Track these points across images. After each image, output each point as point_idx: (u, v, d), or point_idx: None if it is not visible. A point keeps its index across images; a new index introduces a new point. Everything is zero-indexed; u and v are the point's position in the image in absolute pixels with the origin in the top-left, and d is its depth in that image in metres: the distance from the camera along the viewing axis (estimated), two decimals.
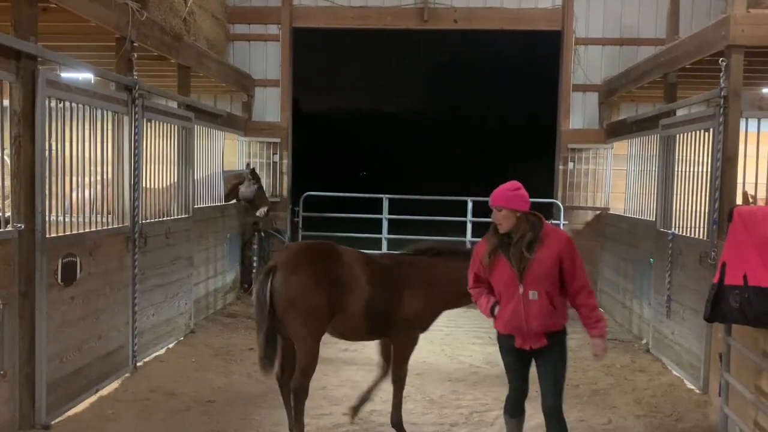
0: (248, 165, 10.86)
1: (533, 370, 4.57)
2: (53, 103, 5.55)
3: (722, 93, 6.47)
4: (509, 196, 4.48)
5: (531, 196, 4.68)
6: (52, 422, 5.48)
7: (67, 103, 5.78)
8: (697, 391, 6.67)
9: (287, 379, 5.24)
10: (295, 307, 4.89)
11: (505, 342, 4.56)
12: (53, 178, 5.65)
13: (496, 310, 4.48)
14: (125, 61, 6.87)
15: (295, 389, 5.08)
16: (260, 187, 10.67)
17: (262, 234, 11.39)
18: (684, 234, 7.45)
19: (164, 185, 8.08)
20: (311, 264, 5.03)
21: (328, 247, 5.28)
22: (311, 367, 5.07)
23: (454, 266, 5.32)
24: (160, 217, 7.83)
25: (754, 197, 7.69)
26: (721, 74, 6.50)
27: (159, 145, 7.75)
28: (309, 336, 5.00)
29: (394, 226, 11.70)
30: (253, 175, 10.62)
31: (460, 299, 5.35)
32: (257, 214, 10.69)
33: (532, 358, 4.54)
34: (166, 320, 7.86)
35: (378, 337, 5.56)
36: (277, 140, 11.73)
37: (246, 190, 10.53)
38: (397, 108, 50.08)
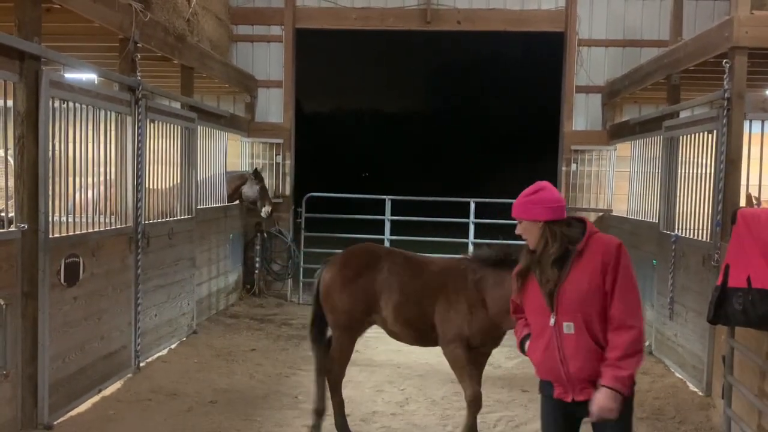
0: (255, 169, 10.88)
1: None
2: (57, 104, 5.56)
3: (726, 95, 6.46)
4: (524, 203, 3.40)
5: None
6: (55, 422, 5.48)
7: (71, 104, 5.79)
8: (700, 394, 6.65)
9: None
10: (327, 302, 5.44)
11: (544, 390, 3.42)
12: (56, 179, 5.65)
13: (527, 346, 3.48)
14: (128, 61, 6.89)
15: (327, 370, 5.53)
16: (263, 188, 10.69)
17: (265, 235, 11.40)
18: (687, 236, 7.43)
19: (167, 186, 8.09)
20: (348, 265, 5.42)
21: (374, 250, 5.54)
22: (341, 358, 5.48)
23: (504, 278, 4.62)
24: (163, 218, 7.84)
25: (758, 199, 7.68)
26: (725, 76, 6.49)
27: (162, 145, 7.76)
28: (337, 329, 5.45)
29: (396, 227, 11.70)
30: (256, 176, 10.64)
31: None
32: (262, 214, 10.71)
33: (581, 422, 3.38)
34: (168, 321, 7.87)
35: (432, 345, 5.39)
36: (280, 141, 11.74)
37: (249, 190, 10.55)
38: (400, 109, 50.14)
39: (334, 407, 5.55)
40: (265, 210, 10.65)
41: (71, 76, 6.71)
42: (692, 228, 7.35)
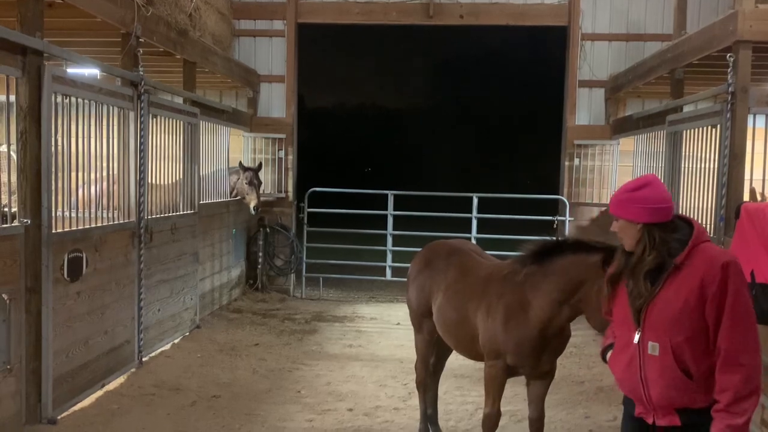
0: (240, 162, 10.62)
1: None
2: (59, 99, 5.56)
3: (730, 89, 6.43)
4: (624, 200, 2.96)
5: (536, 192, 4.33)
6: (59, 417, 5.50)
7: (73, 99, 5.79)
8: None
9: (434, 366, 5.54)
10: (406, 293, 5.44)
11: (626, 405, 3.14)
12: (59, 174, 5.65)
13: (608, 356, 3.18)
14: (131, 56, 6.88)
15: (416, 374, 5.47)
16: (251, 182, 10.27)
17: (268, 230, 11.40)
18: None
19: (170, 181, 8.09)
20: (417, 260, 5.38)
21: (440, 246, 5.35)
22: (418, 355, 5.40)
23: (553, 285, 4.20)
24: (165, 213, 7.84)
25: (762, 194, 7.66)
26: (729, 70, 6.46)
27: (164, 140, 7.76)
28: (413, 325, 5.41)
29: (399, 222, 11.70)
30: (245, 169, 10.32)
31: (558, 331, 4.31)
32: (251, 210, 10.39)
33: None
34: (171, 315, 7.88)
35: (478, 358, 4.83)
36: (283, 136, 11.73)
37: (237, 183, 10.43)
38: (402, 104, 50.10)
39: (420, 406, 5.45)
40: (252, 206, 10.27)
41: (73, 71, 6.70)
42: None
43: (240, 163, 10.48)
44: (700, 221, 7.20)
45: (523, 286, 4.35)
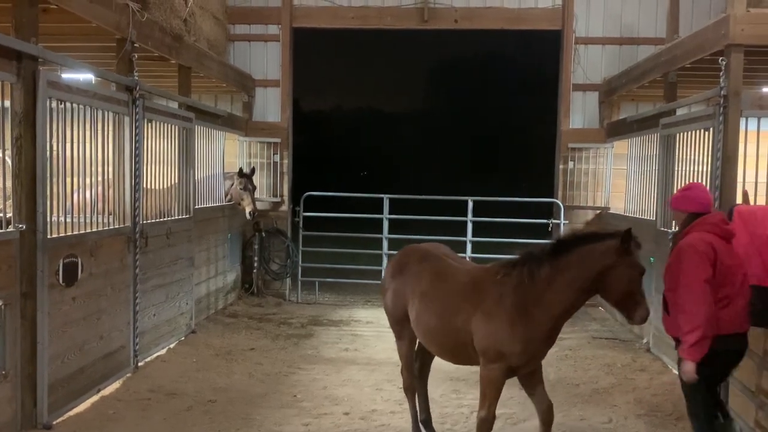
0: (240, 169, 10.62)
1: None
2: (54, 104, 5.56)
3: (722, 92, 6.47)
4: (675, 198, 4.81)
5: (530, 196, 4.57)
6: (54, 422, 5.49)
7: (68, 104, 5.79)
8: None
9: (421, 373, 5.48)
10: (383, 301, 5.38)
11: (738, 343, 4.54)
12: (54, 179, 5.65)
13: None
14: (126, 61, 6.88)
15: (402, 379, 5.41)
16: (247, 187, 10.27)
17: (263, 234, 11.40)
18: None
19: (165, 186, 8.09)
20: (391, 267, 5.35)
21: (413, 251, 5.31)
22: (402, 360, 5.31)
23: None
24: (160, 218, 7.84)
25: (744, 194, 7.68)
26: (721, 73, 6.50)
27: (160, 145, 7.76)
28: (393, 331, 5.34)
29: (394, 226, 11.71)
30: (241, 174, 10.32)
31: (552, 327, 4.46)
32: (246, 216, 10.41)
33: None
34: (167, 320, 7.88)
35: (463, 363, 4.95)
36: (278, 140, 11.74)
37: (232, 189, 10.43)
38: (398, 107, 50.17)
39: (411, 412, 5.42)
40: (248, 211, 10.26)
41: (68, 76, 6.72)
42: None
43: (240, 169, 10.48)
44: None
45: (528, 287, 4.40)
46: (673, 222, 7.69)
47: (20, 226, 5.17)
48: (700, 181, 7.06)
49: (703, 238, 4.33)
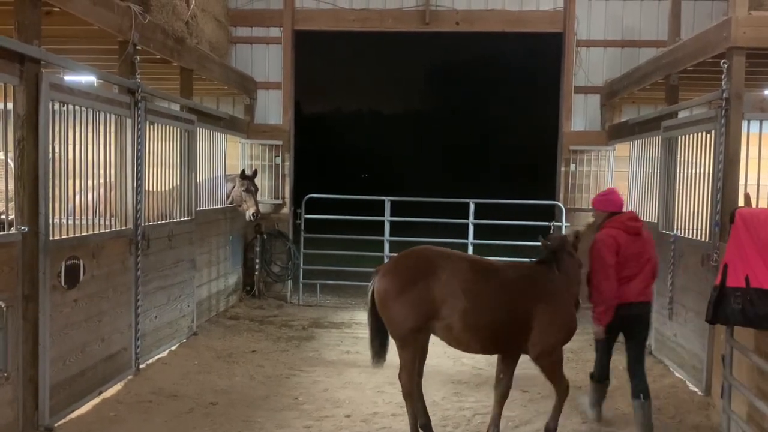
0: (243, 171, 10.63)
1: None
2: (56, 106, 5.57)
3: (724, 95, 6.47)
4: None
5: (532, 198, 4.74)
6: (56, 424, 5.49)
7: (71, 106, 5.80)
8: (700, 393, 6.66)
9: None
10: (384, 313, 5.19)
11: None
12: (56, 181, 5.66)
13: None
14: (128, 64, 6.90)
15: (399, 377, 5.33)
16: (249, 190, 10.31)
17: (265, 236, 11.40)
18: (686, 236, 7.44)
19: (167, 188, 8.10)
20: (401, 272, 5.19)
21: (427, 255, 5.26)
22: (406, 368, 5.21)
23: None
24: (162, 220, 7.85)
25: (747, 196, 7.68)
26: (723, 76, 6.51)
27: (161, 147, 7.77)
28: (398, 339, 5.20)
29: (395, 228, 11.71)
30: (244, 177, 10.36)
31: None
32: (246, 218, 10.42)
33: None
34: (168, 322, 7.88)
35: (503, 352, 5.37)
36: (279, 142, 11.75)
37: (234, 192, 10.44)
38: (399, 110, 50.21)
39: (410, 418, 5.36)
40: (248, 214, 10.27)
41: (71, 78, 6.72)
42: (691, 228, 7.37)
43: (243, 171, 10.48)
44: (695, 226, 7.25)
45: (560, 283, 5.32)
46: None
47: (22, 228, 5.18)
48: (701, 184, 7.07)
49: (610, 233, 5.56)
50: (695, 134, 7.27)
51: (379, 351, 5.43)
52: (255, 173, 10.67)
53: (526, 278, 5.31)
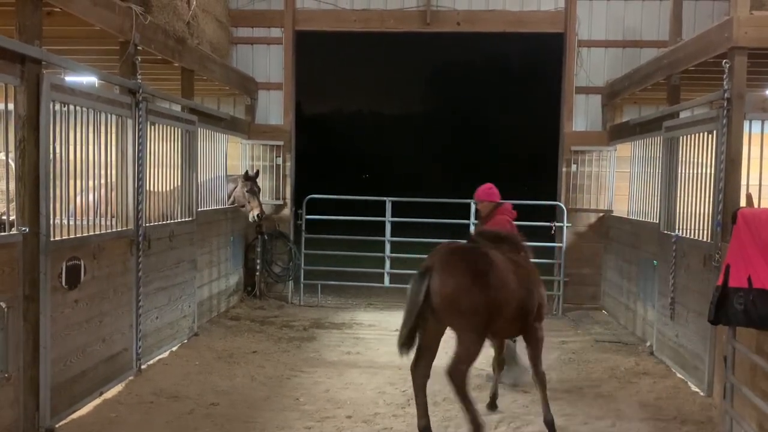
0: (246, 172, 10.64)
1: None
2: (57, 107, 5.57)
3: (725, 95, 6.46)
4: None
5: (534, 198, 4.74)
6: (57, 425, 5.49)
7: (72, 107, 5.80)
8: (702, 394, 6.65)
9: (421, 374, 5.39)
10: (456, 308, 5.19)
11: None
12: (57, 182, 5.66)
13: None
14: (129, 64, 6.90)
15: (450, 373, 5.23)
16: (251, 190, 10.37)
17: (266, 237, 11.40)
18: (688, 236, 7.43)
19: (168, 188, 8.09)
20: (468, 266, 5.29)
21: (476, 249, 5.55)
22: (470, 357, 5.27)
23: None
24: (163, 221, 7.85)
25: (749, 196, 7.67)
26: (725, 76, 6.50)
27: (162, 148, 7.77)
28: (472, 331, 5.26)
29: (396, 229, 11.70)
30: (247, 178, 10.39)
31: None
32: (250, 219, 10.47)
33: None
34: (169, 323, 7.87)
35: (517, 335, 6.07)
36: (280, 143, 11.75)
37: (237, 192, 10.44)
38: (400, 110, 50.28)
39: (467, 410, 5.26)
40: (253, 214, 10.32)
41: (72, 79, 6.72)
42: (693, 228, 7.36)
43: (246, 172, 10.48)
44: (696, 226, 7.25)
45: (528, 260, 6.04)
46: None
47: (23, 228, 5.18)
48: (703, 184, 7.06)
49: (506, 219, 6.79)
50: (697, 134, 7.26)
51: (410, 344, 5.34)
52: (257, 174, 10.68)
53: (522, 259, 5.86)
